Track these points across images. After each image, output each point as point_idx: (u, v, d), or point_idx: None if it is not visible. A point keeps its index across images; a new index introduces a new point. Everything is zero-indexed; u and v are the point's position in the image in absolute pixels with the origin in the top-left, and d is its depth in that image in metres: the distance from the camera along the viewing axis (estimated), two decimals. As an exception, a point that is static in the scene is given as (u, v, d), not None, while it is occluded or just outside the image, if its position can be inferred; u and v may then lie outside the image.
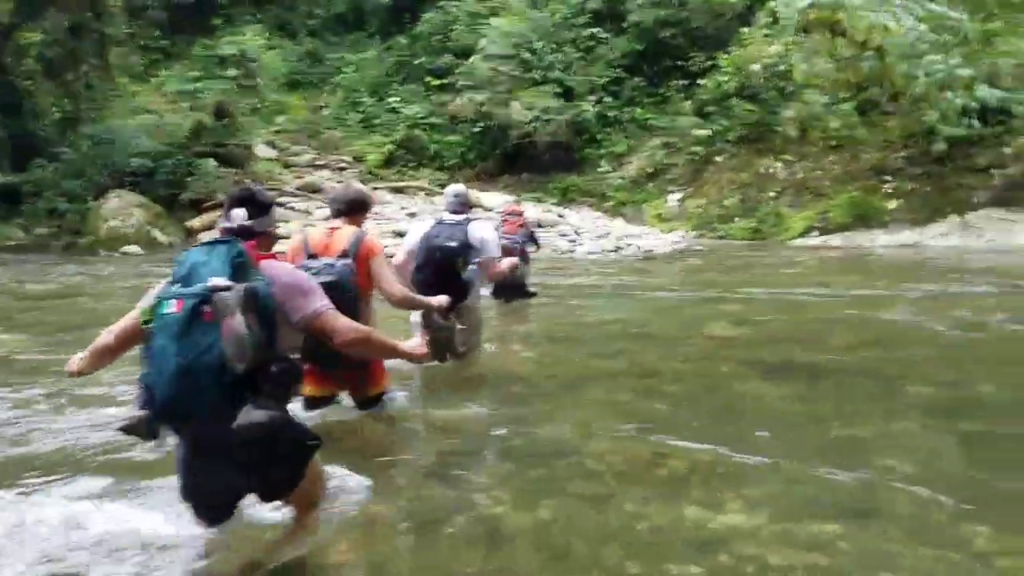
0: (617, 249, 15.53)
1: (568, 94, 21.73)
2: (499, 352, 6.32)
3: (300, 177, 20.38)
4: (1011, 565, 2.76)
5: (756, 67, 17.33)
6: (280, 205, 17.71)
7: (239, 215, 2.70)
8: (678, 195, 19.81)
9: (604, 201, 20.58)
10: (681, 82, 21.52)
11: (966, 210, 15.36)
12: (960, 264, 12.40)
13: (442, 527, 3.07)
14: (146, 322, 2.45)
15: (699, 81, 20.62)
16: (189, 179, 17.00)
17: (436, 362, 4.84)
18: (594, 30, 23.02)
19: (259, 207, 2.77)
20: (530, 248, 9.13)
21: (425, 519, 3.18)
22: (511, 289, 8.82)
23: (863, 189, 16.76)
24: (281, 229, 15.73)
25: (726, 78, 19.63)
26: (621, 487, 3.45)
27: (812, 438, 4.09)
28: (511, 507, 3.23)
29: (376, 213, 15.83)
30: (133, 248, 15.33)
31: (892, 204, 16.20)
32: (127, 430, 2.48)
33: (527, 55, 21.61)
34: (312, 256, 3.81)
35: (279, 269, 2.66)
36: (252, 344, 2.34)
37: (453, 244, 5.00)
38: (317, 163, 22.36)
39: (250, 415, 2.35)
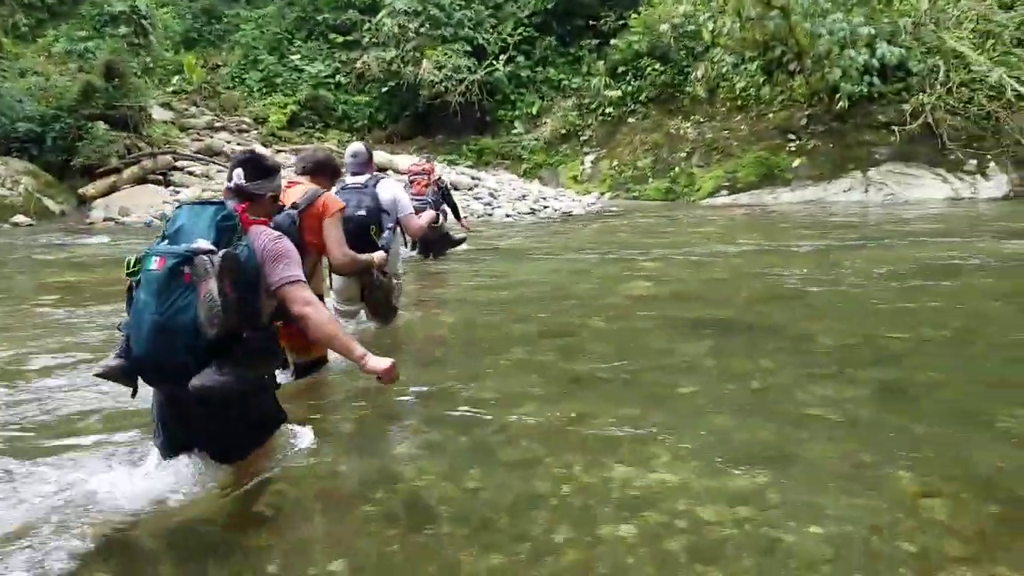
0: (534, 211, 15.45)
1: (479, 53, 21.34)
2: (418, 317, 6.13)
3: (199, 140, 19.42)
4: (936, 506, 2.79)
5: (665, 27, 17.36)
6: (177, 169, 16.89)
7: (237, 175, 2.75)
8: (592, 156, 19.83)
9: (520, 163, 20.43)
10: (593, 42, 21.41)
11: (868, 166, 15.92)
12: (862, 219, 12.88)
13: (361, 503, 2.90)
14: (129, 274, 2.51)
15: (611, 41, 20.55)
16: (80, 144, 15.90)
17: (383, 325, 4.98)
18: (503, -14, 22.61)
19: (259, 170, 2.80)
20: (444, 208, 8.88)
21: (344, 494, 3.00)
22: (437, 243, 8.61)
23: (768, 148, 17.15)
24: (181, 194, 15.21)
25: (636, 38, 19.63)
26: (547, 451, 3.34)
27: (733, 392, 4.08)
28: (435, 477, 3.08)
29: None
30: (21, 218, 14.29)
31: (796, 162, 16.65)
32: (104, 375, 2.57)
33: (435, 11, 21.04)
34: None
35: (265, 236, 2.67)
36: (225, 311, 2.36)
37: (363, 213, 4.80)
38: (216, 125, 21.32)
39: (204, 378, 2.41)
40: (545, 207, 15.85)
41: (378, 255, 4.19)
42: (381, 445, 3.46)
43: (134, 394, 2.66)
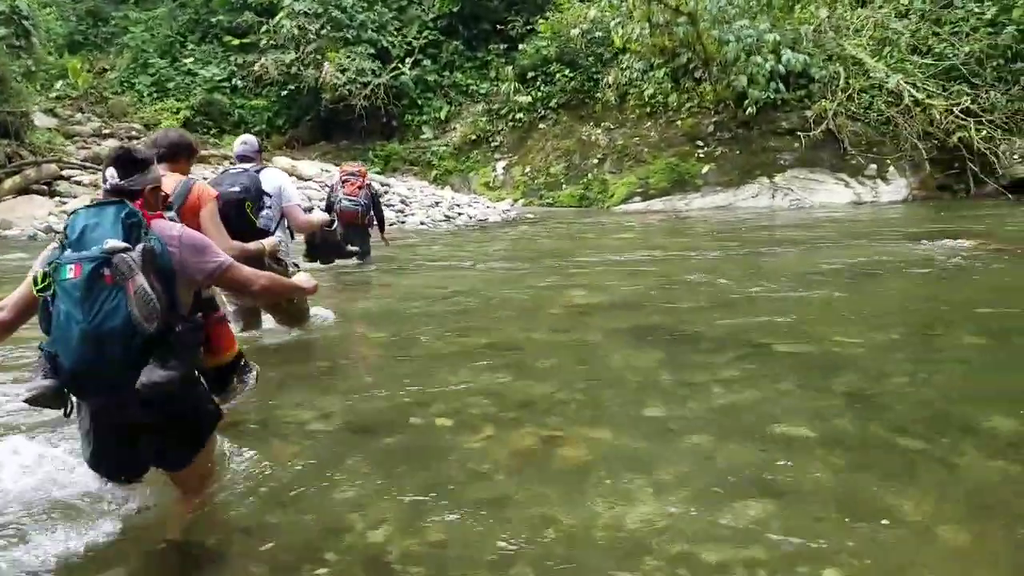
0: (448, 219, 15.03)
1: (384, 56, 20.74)
2: (341, 334, 5.63)
3: (85, 147, 18.10)
4: (952, 535, 2.56)
5: (575, 32, 17.25)
6: (63, 179, 15.63)
7: (111, 174, 2.57)
8: (503, 163, 19.56)
9: (429, 169, 19.92)
10: (501, 46, 21.16)
11: (773, 172, 16.26)
12: (774, 224, 13.08)
13: (307, 567, 2.43)
14: (41, 289, 2.37)
15: (519, 46, 20.35)
16: (-48, 152, 14.44)
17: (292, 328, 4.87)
18: (407, -12, 22.10)
19: (132, 164, 2.61)
20: (373, 216, 8.39)
21: (287, 556, 2.51)
22: (327, 249, 8.02)
23: (679, 155, 17.28)
24: (67, 204, 14.00)
25: (545, 43, 19.50)
26: (517, 486, 2.96)
27: (699, 408, 3.81)
28: (393, 529, 2.64)
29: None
30: None
31: (705, 169, 16.84)
32: (33, 401, 2.37)
33: (337, 13, 20.29)
34: None
35: (174, 228, 2.59)
36: (159, 305, 2.31)
37: (235, 189, 4.47)
38: (104, 132, 19.96)
39: (152, 374, 2.30)
40: (460, 214, 15.45)
41: (268, 241, 3.80)
42: (323, 490, 2.97)
43: (68, 413, 2.47)
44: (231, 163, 6.38)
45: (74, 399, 2.46)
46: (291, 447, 3.42)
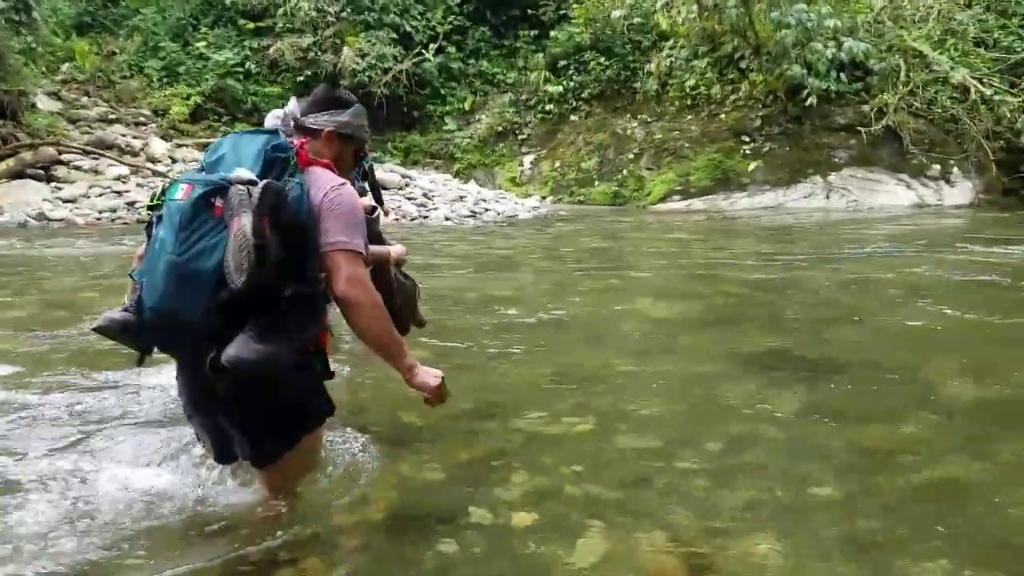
0: (474, 215, 13.88)
1: (406, 41, 19.59)
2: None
3: (89, 132, 17.09)
4: None
5: (616, 14, 15.95)
6: (62, 163, 14.59)
7: (291, 105, 2.28)
8: (531, 157, 18.38)
9: (452, 163, 18.78)
10: (531, 33, 19.96)
11: (828, 171, 15.00)
12: (834, 225, 11.81)
13: None
14: (152, 207, 2.10)
15: (550, 33, 19.14)
16: (-58, 131, 13.44)
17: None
18: (432, -30, 20.97)
19: (320, 102, 2.26)
20: (363, 185, 7.21)
21: None
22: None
23: (722, 150, 16.04)
24: (63, 190, 12.95)
25: (578, 30, 18.28)
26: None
27: (902, 493, 2.60)
28: None
29: (182, 173, 13.23)
30: None
31: (752, 165, 15.60)
32: (101, 330, 2.02)
33: (358, -6, 19.23)
34: None
35: (328, 181, 2.08)
36: (259, 255, 1.83)
37: None
38: (110, 117, 18.97)
39: (242, 347, 1.87)
40: (486, 210, 14.30)
41: (396, 248, 2.97)
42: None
43: (141, 360, 2.13)
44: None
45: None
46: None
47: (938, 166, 14.76)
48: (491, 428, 3.12)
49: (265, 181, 1.91)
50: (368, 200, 5.10)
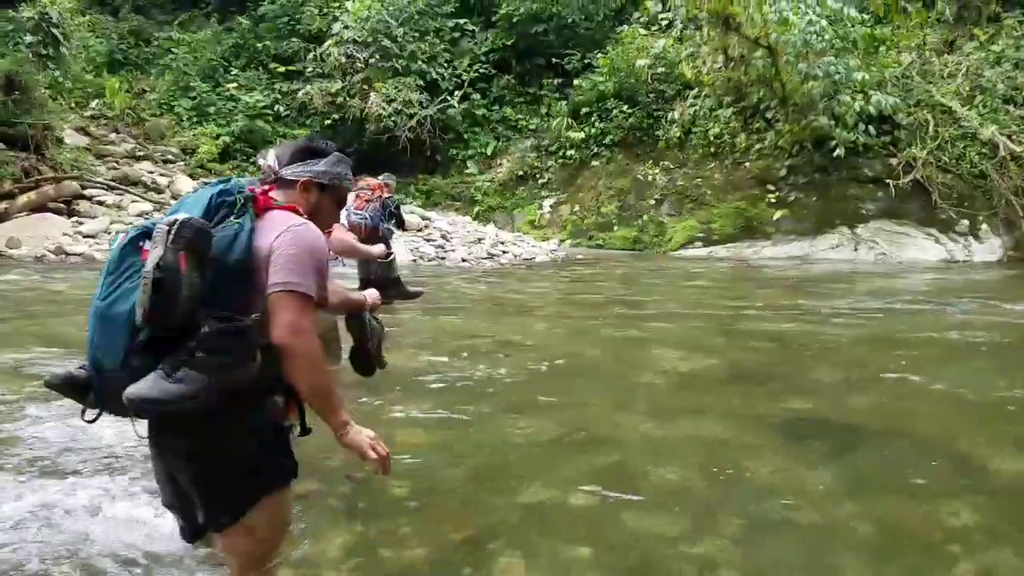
0: (491, 256, 13.74)
1: (432, 88, 19.76)
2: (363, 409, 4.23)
3: (116, 168, 17.24)
4: None
5: (641, 63, 15.95)
6: (85, 198, 14.67)
7: (269, 157, 2.20)
8: (551, 201, 18.29)
9: (472, 205, 18.75)
10: (555, 81, 20.06)
11: (855, 223, 14.71)
12: (864, 277, 11.51)
13: None
14: None
15: (574, 81, 19.21)
16: (-35, 165, 13.58)
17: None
18: (460, 20, 21.19)
19: (300, 151, 2.19)
20: (388, 226, 7.15)
21: None
22: (383, 286, 6.70)
23: (746, 199, 15.84)
24: (84, 225, 12.99)
25: (602, 79, 18.33)
26: None
27: None
28: None
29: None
30: None
31: (777, 215, 15.36)
32: (49, 386, 1.93)
33: (387, 43, 19.44)
34: None
35: (285, 220, 1.97)
36: (162, 289, 1.72)
37: None
38: (138, 154, 19.18)
39: (143, 385, 1.74)
40: (504, 252, 14.17)
41: (371, 293, 2.89)
42: None
43: (83, 414, 1.93)
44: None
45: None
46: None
47: (967, 221, 14.43)
48: (487, 499, 2.88)
49: (183, 216, 1.82)
50: (378, 248, 4.99)
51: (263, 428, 1.99)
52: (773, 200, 15.59)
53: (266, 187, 2.08)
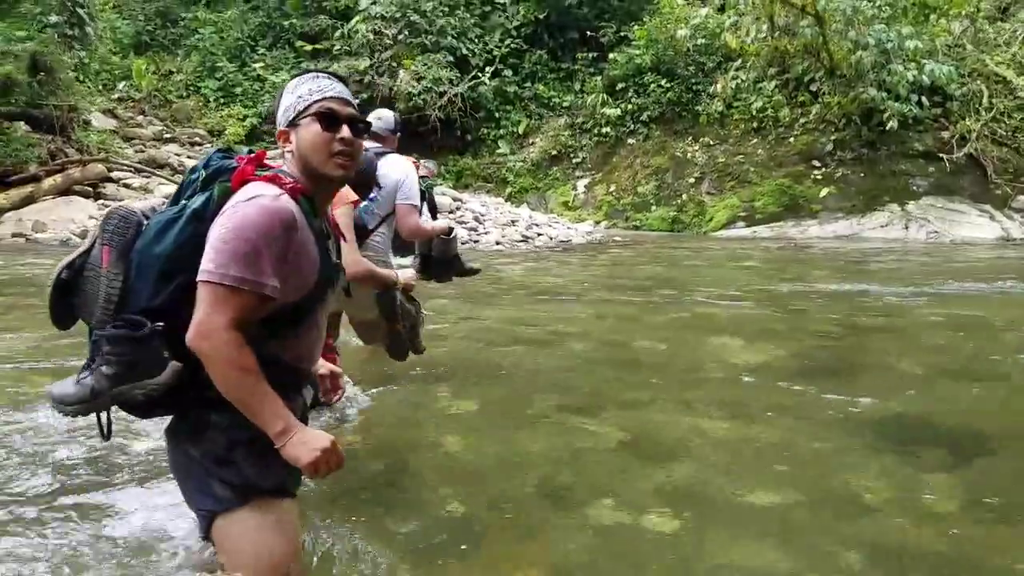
0: (527, 239, 13.29)
1: (462, 65, 19.26)
2: (406, 401, 3.82)
3: (142, 151, 17.07)
4: None
5: (682, 32, 15.26)
6: (111, 181, 14.49)
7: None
8: (586, 181, 17.76)
9: (504, 186, 18.29)
10: (589, 55, 19.44)
11: (905, 199, 14.02)
12: (922, 256, 10.88)
13: None
14: None
15: (609, 55, 18.58)
16: (-8, 146, 13.39)
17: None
18: (490, -6, 20.65)
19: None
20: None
21: None
22: (442, 264, 6.31)
23: (791, 176, 15.19)
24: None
25: (639, 52, 17.68)
26: None
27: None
28: None
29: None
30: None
31: (823, 192, 14.70)
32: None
33: (415, 18, 18.97)
34: None
35: (243, 194, 1.70)
36: (69, 291, 1.71)
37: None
38: (165, 136, 19.05)
39: (58, 386, 1.71)
40: (539, 234, 13.70)
41: (405, 274, 2.88)
42: None
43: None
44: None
45: None
46: None
47: (1022, 197, 13.68)
48: (551, 519, 2.46)
49: (116, 205, 1.75)
50: (443, 222, 4.66)
51: (234, 427, 1.72)
52: (819, 177, 14.94)
53: (257, 153, 1.85)
